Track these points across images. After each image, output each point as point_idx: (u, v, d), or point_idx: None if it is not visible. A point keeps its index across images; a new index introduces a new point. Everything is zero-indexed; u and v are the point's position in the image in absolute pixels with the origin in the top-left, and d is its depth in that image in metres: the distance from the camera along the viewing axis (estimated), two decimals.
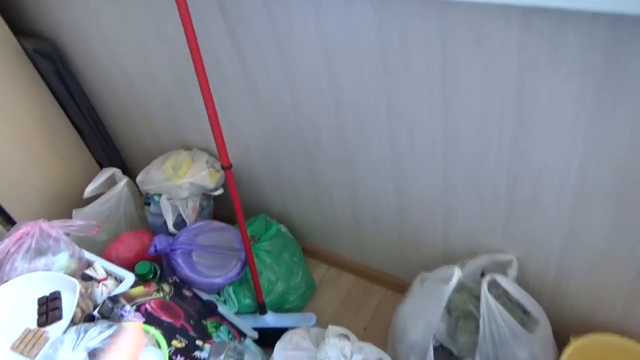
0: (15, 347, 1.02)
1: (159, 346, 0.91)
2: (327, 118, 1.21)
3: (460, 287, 1.14)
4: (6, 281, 1.14)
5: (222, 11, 1.13)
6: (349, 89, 1.10)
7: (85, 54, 1.58)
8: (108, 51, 1.49)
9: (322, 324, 1.48)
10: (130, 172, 2.02)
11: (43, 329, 1.04)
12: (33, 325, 1.06)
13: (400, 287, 1.52)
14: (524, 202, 1.04)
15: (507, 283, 1.05)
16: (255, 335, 1.38)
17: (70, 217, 1.66)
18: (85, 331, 0.84)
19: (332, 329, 1.28)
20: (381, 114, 1.10)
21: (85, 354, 0.79)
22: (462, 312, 1.14)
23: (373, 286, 1.57)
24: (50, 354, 0.79)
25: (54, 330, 1.04)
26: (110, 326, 0.85)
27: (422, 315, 1.13)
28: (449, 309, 1.15)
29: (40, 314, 1.07)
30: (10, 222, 1.77)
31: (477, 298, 1.09)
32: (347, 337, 1.28)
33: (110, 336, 0.82)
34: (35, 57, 1.59)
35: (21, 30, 1.58)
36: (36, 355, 1.00)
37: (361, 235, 1.48)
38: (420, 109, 1.03)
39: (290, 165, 1.42)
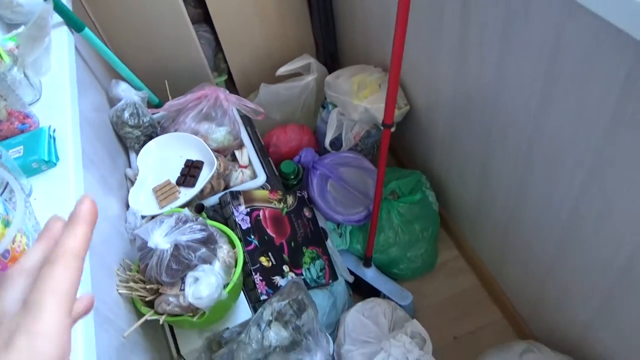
0: (155, 191, 1.19)
1: (236, 264, 0.96)
2: (522, 122, 0.96)
3: None
4: (176, 130, 1.30)
5: None
6: (560, 113, 0.83)
7: None
8: None
9: (418, 306, 1.40)
10: (338, 61, 2.02)
11: (178, 188, 1.19)
12: (174, 179, 1.21)
13: (517, 326, 1.31)
14: None
15: None
16: (350, 278, 1.38)
17: (267, 79, 1.76)
18: (184, 223, 0.92)
19: (414, 324, 1.20)
20: (581, 168, 0.83)
21: (169, 246, 0.88)
22: None
23: (491, 305, 1.38)
24: (148, 228, 0.90)
25: (184, 193, 1.18)
26: (201, 230, 0.92)
27: None
28: None
29: (181, 174, 1.21)
30: (225, 61, 1.97)
31: None
32: (424, 340, 1.19)
33: (195, 240, 0.89)
34: None
35: None
36: (164, 206, 1.16)
37: (505, 252, 1.26)
38: (636, 194, 0.74)
39: (467, 142, 1.23)
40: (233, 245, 1.01)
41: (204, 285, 0.87)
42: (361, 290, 1.40)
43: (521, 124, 0.96)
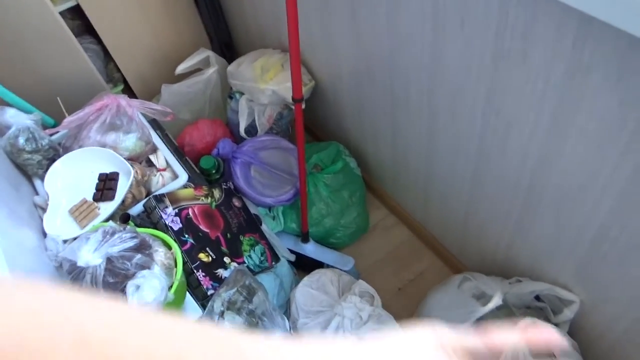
0: (72, 212, 1.13)
1: (176, 264, 0.95)
2: (419, 74, 1.03)
3: (502, 305, 1.01)
4: (80, 146, 1.23)
5: None
6: (451, 56, 0.91)
7: None
8: None
9: (361, 268, 1.46)
10: (235, 51, 2.00)
11: (96, 204, 1.13)
12: (90, 196, 1.15)
13: (451, 263, 1.41)
14: (619, 248, 0.84)
15: None
16: (292, 257, 1.40)
17: (167, 82, 1.71)
18: (112, 235, 0.89)
19: (361, 284, 1.25)
20: (478, 98, 0.91)
21: (101, 260, 0.84)
22: None
23: (425, 250, 1.48)
24: (74, 248, 0.86)
25: (104, 207, 1.13)
26: (132, 238, 0.89)
27: (450, 317, 1.05)
28: (478, 324, 1.05)
29: (97, 189, 1.15)
30: (118, 70, 1.88)
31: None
32: (372, 296, 1.25)
33: (127, 249, 0.86)
34: None
35: None
36: (85, 226, 1.11)
37: (427, 198, 1.35)
38: (526, 108, 0.82)
39: (374, 104, 1.29)
40: (169, 247, 0.99)
41: (147, 290, 0.84)
42: (304, 266, 1.43)
43: (419, 75, 1.03)
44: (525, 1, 0.70)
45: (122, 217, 1.07)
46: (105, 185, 1.15)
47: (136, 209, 1.16)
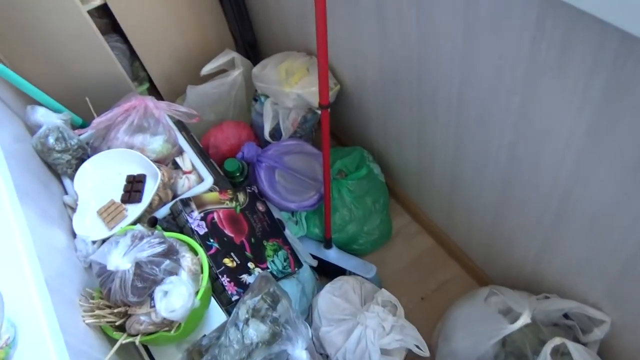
0: (100, 213, 1.14)
1: (202, 270, 0.95)
2: (448, 86, 1.01)
3: (530, 322, 0.99)
4: (109, 147, 1.24)
5: None
6: (482, 68, 0.89)
7: None
8: None
9: (383, 276, 1.45)
10: (260, 52, 2.00)
11: (124, 206, 1.14)
12: (118, 198, 1.16)
13: (476, 274, 1.40)
14: None
15: (579, 354, 0.88)
16: (314, 262, 1.40)
17: (192, 82, 1.72)
18: (141, 239, 0.89)
19: (384, 293, 1.24)
20: (511, 107, 0.89)
21: (130, 265, 0.85)
22: (518, 351, 1.01)
23: (449, 260, 1.46)
24: (104, 251, 0.87)
25: (132, 209, 1.14)
26: (160, 243, 0.89)
27: (475, 333, 1.03)
28: (504, 340, 1.03)
29: (125, 191, 1.16)
30: (144, 68, 1.90)
31: (542, 343, 0.95)
32: (395, 306, 1.24)
33: (156, 254, 0.87)
34: None
35: None
36: (113, 227, 1.12)
37: (452, 208, 1.34)
38: (561, 121, 0.80)
39: (400, 112, 1.27)
40: (195, 253, 0.99)
41: (175, 296, 0.85)
42: (326, 272, 1.43)
43: (448, 81, 1.01)
44: (566, 12, 0.68)
45: (149, 220, 1.08)
46: (133, 187, 1.15)
47: (162, 211, 1.16)
